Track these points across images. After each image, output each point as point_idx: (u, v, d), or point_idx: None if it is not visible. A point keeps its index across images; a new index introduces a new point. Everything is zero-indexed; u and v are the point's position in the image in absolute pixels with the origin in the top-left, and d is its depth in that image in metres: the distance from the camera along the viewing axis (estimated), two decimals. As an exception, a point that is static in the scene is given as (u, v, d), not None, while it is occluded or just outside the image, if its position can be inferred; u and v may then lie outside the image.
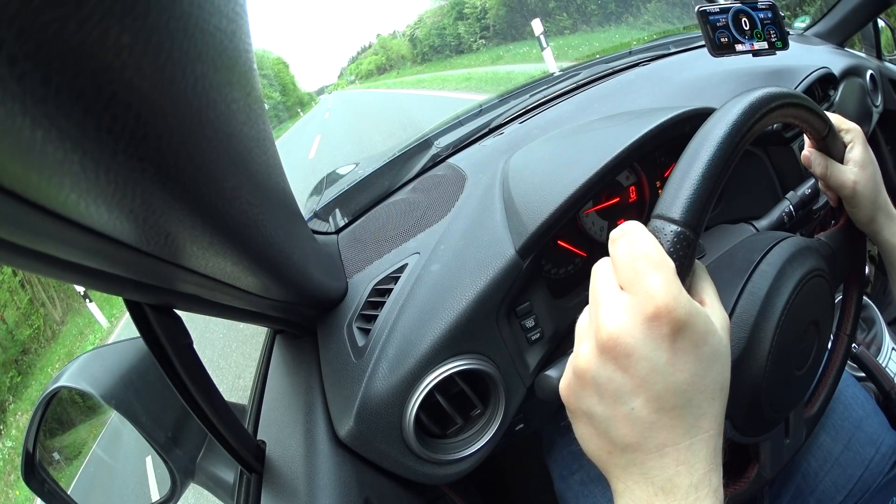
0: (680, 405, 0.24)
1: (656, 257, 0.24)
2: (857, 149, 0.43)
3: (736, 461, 0.44)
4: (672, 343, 0.23)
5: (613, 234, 0.26)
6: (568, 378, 0.27)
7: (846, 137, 0.44)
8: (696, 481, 0.24)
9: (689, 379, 0.24)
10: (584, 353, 0.25)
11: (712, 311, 0.26)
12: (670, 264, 0.25)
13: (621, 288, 0.25)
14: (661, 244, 0.26)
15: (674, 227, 0.26)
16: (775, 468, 0.42)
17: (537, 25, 5.48)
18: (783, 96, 0.33)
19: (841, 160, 0.43)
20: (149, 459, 0.48)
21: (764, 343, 0.34)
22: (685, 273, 0.26)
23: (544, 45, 5.36)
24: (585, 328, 0.26)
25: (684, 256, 0.26)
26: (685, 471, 0.24)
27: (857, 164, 0.43)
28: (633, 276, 0.24)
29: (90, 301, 7.49)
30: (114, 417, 0.51)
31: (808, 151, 0.44)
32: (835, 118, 0.43)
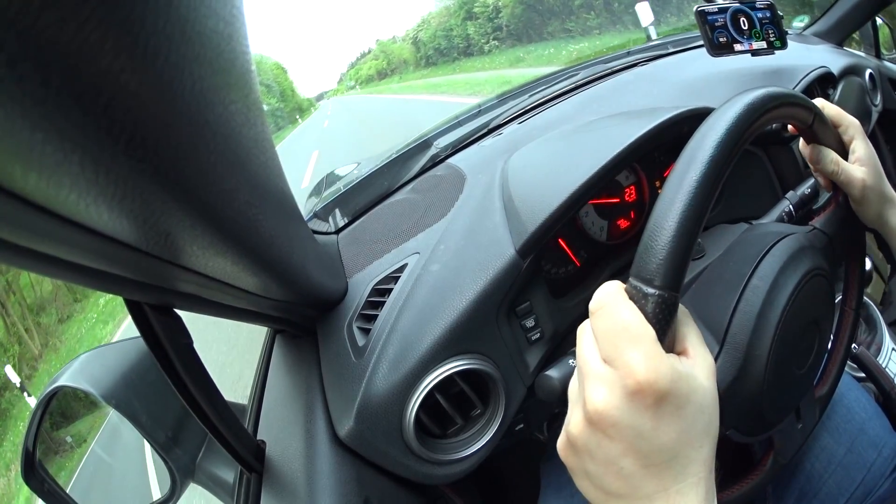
0: (667, 460, 0.25)
1: (635, 331, 0.25)
2: (860, 145, 0.43)
3: (740, 456, 0.44)
4: (655, 411, 0.25)
5: (592, 306, 0.28)
6: (563, 440, 0.29)
7: (846, 133, 0.43)
8: None
9: (674, 437, 0.25)
10: (574, 421, 0.27)
11: (695, 359, 0.27)
12: (651, 334, 0.25)
13: (604, 361, 0.26)
14: (641, 310, 0.26)
15: (652, 291, 0.26)
16: (790, 452, 0.42)
17: (645, 12, 3.90)
18: (784, 96, 0.32)
19: (832, 147, 0.42)
20: (149, 458, 0.48)
21: (759, 360, 0.34)
22: (665, 334, 0.26)
23: (653, 36, 3.65)
24: (576, 395, 0.28)
25: (664, 320, 0.26)
26: None
27: (863, 162, 0.42)
28: (614, 351, 0.25)
29: (28, 395, 6.76)
30: (113, 416, 0.51)
31: (812, 148, 0.42)
32: (832, 110, 0.43)
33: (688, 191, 0.27)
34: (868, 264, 0.64)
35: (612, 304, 0.27)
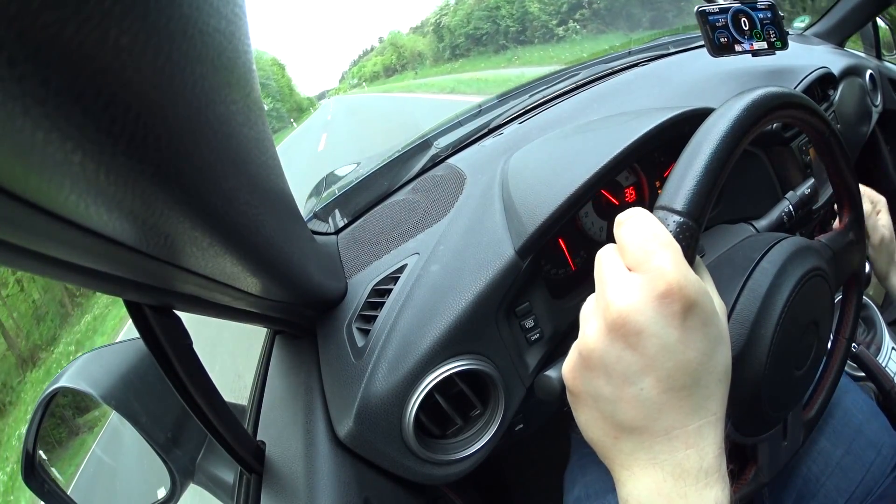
0: (689, 385, 0.23)
1: (665, 237, 0.24)
2: (885, 216, 0.54)
3: (735, 461, 0.44)
4: (683, 321, 0.23)
5: (620, 217, 0.26)
6: (573, 360, 0.26)
7: (876, 206, 0.55)
8: (707, 465, 0.23)
9: (698, 358, 0.23)
10: (591, 333, 0.25)
11: (713, 298, 0.26)
12: (677, 245, 0.25)
13: (629, 269, 0.25)
14: None
15: (677, 218, 0.27)
16: (773, 470, 0.42)
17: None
18: (785, 96, 0.33)
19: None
20: (149, 459, 0.48)
21: (764, 341, 0.34)
22: (689, 262, 0.26)
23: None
24: (592, 310, 0.26)
25: (687, 246, 0.26)
26: (695, 454, 0.23)
27: (886, 228, 0.55)
28: (643, 254, 0.24)
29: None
30: (114, 418, 0.51)
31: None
32: (864, 189, 0.53)
33: (716, 138, 0.29)
34: (867, 267, 0.65)
35: (640, 215, 0.26)
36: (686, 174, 0.28)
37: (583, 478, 0.60)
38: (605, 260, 0.26)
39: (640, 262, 0.24)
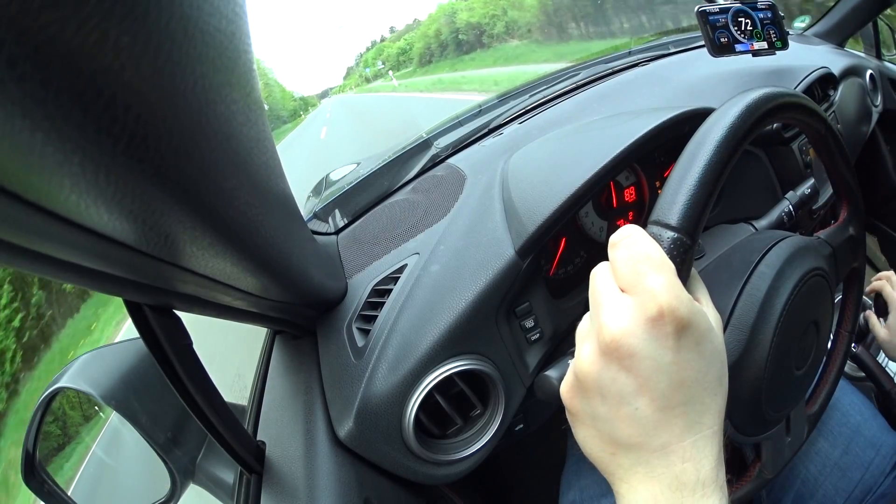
0: (683, 402, 0.24)
1: (657, 259, 0.25)
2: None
3: (737, 460, 0.44)
4: (676, 342, 0.23)
5: (613, 238, 0.27)
6: (569, 381, 0.27)
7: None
8: (703, 477, 0.24)
9: (692, 376, 0.24)
10: (586, 355, 0.25)
11: (708, 309, 0.27)
12: (671, 265, 0.25)
13: (622, 290, 0.25)
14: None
15: (671, 234, 0.27)
16: (777, 467, 0.42)
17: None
18: (780, 96, 0.33)
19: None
20: (150, 460, 0.48)
21: (763, 345, 0.34)
22: (683, 278, 0.26)
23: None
24: (587, 331, 0.26)
25: (682, 262, 0.26)
26: (691, 468, 0.24)
27: None
28: (635, 277, 0.24)
29: None
30: (114, 418, 0.51)
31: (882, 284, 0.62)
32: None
33: (710, 148, 0.28)
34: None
35: (633, 236, 0.26)
36: (680, 187, 0.27)
37: (578, 482, 0.60)
38: (600, 281, 0.26)
39: (633, 285, 0.24)
